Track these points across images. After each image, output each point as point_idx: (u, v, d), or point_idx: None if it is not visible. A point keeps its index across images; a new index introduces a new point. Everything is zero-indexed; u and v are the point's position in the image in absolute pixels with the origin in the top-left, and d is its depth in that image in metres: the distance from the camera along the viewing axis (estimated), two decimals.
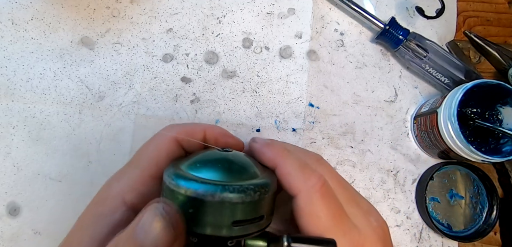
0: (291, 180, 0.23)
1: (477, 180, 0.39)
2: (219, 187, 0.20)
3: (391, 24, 0.38)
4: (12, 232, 0.35)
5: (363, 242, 0.23)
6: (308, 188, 0.23)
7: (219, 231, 0.20)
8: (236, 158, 0.23)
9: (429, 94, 0.41)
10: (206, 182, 0.20)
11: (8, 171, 0.36)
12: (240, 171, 0.22)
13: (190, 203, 0.20)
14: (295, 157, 0.24)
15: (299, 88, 0.40)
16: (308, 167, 0.24)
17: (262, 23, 0.41)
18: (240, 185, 0.20)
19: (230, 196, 0.20)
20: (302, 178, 0.23)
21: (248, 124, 0.39)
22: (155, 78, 0.39)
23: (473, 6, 0.43)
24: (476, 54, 0.42)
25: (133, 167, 0.25)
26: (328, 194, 0.23)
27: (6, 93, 0.37)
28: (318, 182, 0.23)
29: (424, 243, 0.38)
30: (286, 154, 0.24)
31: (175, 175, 0.21)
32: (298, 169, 0.24)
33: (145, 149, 0.26)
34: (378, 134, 0.40)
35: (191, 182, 0.20)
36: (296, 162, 0.24)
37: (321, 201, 0.23)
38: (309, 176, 0.23)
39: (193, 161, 0.23)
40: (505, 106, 0.36)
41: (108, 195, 0.24)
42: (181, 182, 0.20)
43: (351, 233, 0.23)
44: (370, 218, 0.25)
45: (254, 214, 0.21)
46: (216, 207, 0.20)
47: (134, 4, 0.40)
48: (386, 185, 0.39)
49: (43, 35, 0.38)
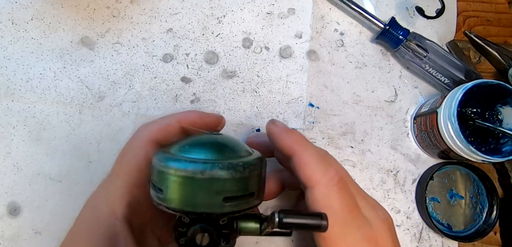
0: (309, 171, 0.23)
1: (477, 180, 0.39)
2: (209, 165, 0.20)
3: (391, 24, 0.38)
4: (13, 232, 0.35)
5: (375, 235, 0.24)
6: (327, 181, 0.23)
7: (211, 209, 0.20)
8: (225, 139, 0.24)
9: (429, 94, 0.41)
10: (196, 161, 0.20)
11: (8, 171, 0.36)
12: (228, 151, 0.22)
13: (180, 182, 0.20)
14: (314, 148, 0.25)
15: (299, 88, 0.40)
16: (326, 160, 0.24)
17: (262, 23, 0.41)
18: (230, 162, 0.21)
19: (220, 173, 0.20)
20: (321, 170, 0.23)
21: (248, 124, 0.39)
22: (155, 78, 0.39)
23: (473, 6, 0.43)
24: (476, 54, 0.42)
25: (116, 177, 0.25)
26: (345, 188, 0.24)
27: (6, 93, 0.37)
28: (336, 176, 0.23)
29: (424, 243, 0.38)
30: (306, 143, 0.24)
31: (164, 157, 0.21)
32: (317, 160, 0.24)
33: (124, 157, 0.26)
34: (378, 134, 0.40)
35: (180, 162, 0.20)
36: (315, 153, 0.24)
37: (339, 195, 0.23)
38: (328, 168, 0.23)
39: (182, 144, 0.23)
40: (505, 106, 0.36)
41: (99, 212, 0.24)
42: (170, 163, 0.20)
43: (364, 227, 0.23)
44: (378, 211, 0.25)
45: (244, 190, 0.21)
46: (207, 185, 0.20)
47: (134, 4, 0.40)
48: (386, 185, 0.39)
49: (43, 35, 0.38)
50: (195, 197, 0.20)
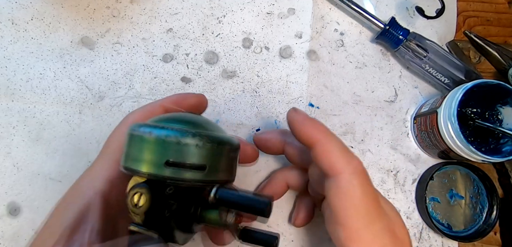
0: (334, 159, 0.23)
1: (477, 180, 0.39)
2: (159, 127, 0.21)
3: (391, 24, 0.38)
4: (13, 232, 0.35)
5: (393, 227, 0.24)
6: (352, 170, 0.23)
7: (149, 168, 0.20)
8: (199, 118, 0.24)
9: (429, 94, 0.41)
10: (150, 125, 0.21)
11: (8, 171, 0.36)
12: (194, 123, 0.23)
13: (133, 142, 0.21)
14: (337, 138, 0.25)
15: (299, 88, 0.40)
16: (349, 150, 0.24)
17: (262, 23, 0.41)
18: (180, 127, 0.21)
19: (164, 134, 0.20)
20: (345, 159, 0.23)
21: (248, 124, 0.39)
22: (155, 78, 0.39)
23: (473, 6, 0.43)
24: (476, 54, 0.42)
25: (100, 158, 0.27)
26: (367, 180, 0.24)
27: (6, 93, 0.37)
28: (360, 165, 0.23)
29: (424, 243, 0.38)
30: (329, 132, 0.25)
31: (134, 125, 0.22)
32: (341, 149, 0.24)
33: (110, 139, 0.27)
34: (378, 134, 0.40)
35: (140, 125, 0.21)
36: (339, 142, 0.24)
37: (362, 185, 0.23)
38: (351, 158, 0.23)
39: (157, 118, 0.24)
40: (505, 106, 0.36)
41: (79, 186, 0.25)
42: (134, 127, 0.22)
43: (385, 218, 0.24)
44: (390, 205, 0.26)
45: (191, 159, 0.21)
46: (151, 145, 0.21)
47: (134, 4, 0.40)
48: (386, 185, 0.39)
49: (43, 35, 0.38)
50: (138, 155, 0.21)
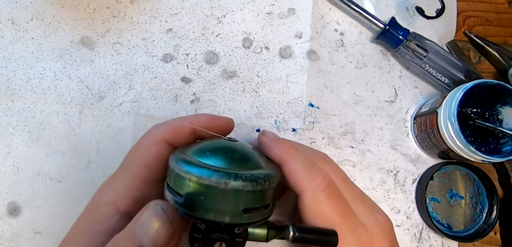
0: (298, 178, 0.24)
1: (477, 180, 0.39)
2: (233, 175, 0.20)
3: (391, 24, 0.38)
4: (13, 232, 0.35)
5: (370, 240, 0.23)
6: (314, 187, 0.23)
7: (231, 219, 0.20)
8: (242, 148, 0.24)
9: (429, 94, 0.41)
10: (219, 170, 0.20)
11: (8, 171, 0.36)
12: (246, 160, 0.23)
13: (202, 190, 0.20)
14: (302, 155, 0.25)
15: (299, 88, 0.40)
16: (314, 166, 0.24)
17: (262, 23, 0.41)
18: (252, 173, 0.21)
19: (243, 184, 0.20)
20: (308, 176, 0.23)
21: (248, 124, 0.39)
22: (155, 78, 0.39)
23: (473, 6, 0.43)
24: (476, 54, 0.42)
25: (123, 172, 0.25)
26: (334, 192, 0.24)
27: (6, 93, 0.37)
28: (324, 181, 0.23)
29: (424, 243, 0.38)
30: (294, 151, 0.25)
31: (184, 162, 0.21)
32: (305, 167, 0.24)
33: (134, 153, 0.26)
34: (378, 134, 0.40)
35: (203, 169, 0.20)
36: (303, 160, 0.24)
37: (327, 200, 0.23)
38: (315, 175, 0.24)
39: (200, 148, 0.23)
40: (505, 106, 0.36)
41: (101, 202, 0.24)
42: (192, 169, 0.20)
43: (358, 230, 0.23)
44: (376, 215, 0.25)
45: (263, 202, 0.21)
46: (230, 195, 0.20)
47: (134, 4, 0.40)
48: (386, 185, 0.39)
49: (43, 35, 0.38)
50: (216, 207, 0.20)
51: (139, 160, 0.25)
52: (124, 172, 0.25)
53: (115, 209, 0.23)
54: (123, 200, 0.24)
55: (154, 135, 0.26)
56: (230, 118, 0.29)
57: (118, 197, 0.24)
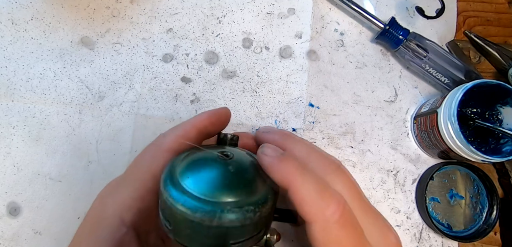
0: (307, 207, 0.20)
1: (477, 180, 0.39)
2: (218, 211, 0.19)
3: (391, 24, 0.38)
4: (13, 232, 0.35)
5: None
6: (327, 217, 0.20)
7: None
8: (237, 167, 0.22)
9: (429, 94, 0.41)
10: (204, 202, 0.19)
11: (8, 171, 0.36)
12: (239, 186, 0.21)
13: (188, 223, 0.19)
14: (312, 177, 0.21)
15: (299, 88, 0.40)
16: (327, 190, 0.21)
17: (262, 23, 0.41)
18: (240, 206, 0.19)
19: (229, 219, 0.19)
20: (320, 204, 0.20)
21: (248, 124, 0.39)
22: (155, 78, 0.39)
23: (473, 6, 0.43)
24: (476, 54, 0.42)
25: (128, 183, 0.24)
26: (348, 222, 0.21)
27: (6, 93, 0.37)
28: (338, 210, 0.20)
29: (424, 243, 0.38)
30: (301, 173, 0.21)
31: (171, 190, 0.20)
32: (315, 193, 0.21)
33: (140, 163, 0.25)
34: (378, 134, 0.40)
35: (189, 201, 0.19)
36: (313, 184, 0.21)
37: (340, 232, 0.20)
38: (328, 202, 0.20)
39: (190, 165, 0.22)
40: (505, 106, 0.36)
41: (105, 215, 0.23)
42: (178, 201, 0.19)
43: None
44: (389, 235, 0.23)
45: (252, 233, 0.20)
46: (214, 230, 0.19)
47: (134, 4, 0.40)
48: (386, 185, 0.39)
49: (43, 35, 0.38)
50: (201, 239, 0.20)
51: (146, 170, 0.24)
52: (129, 183, 0.24)
53: (120, 222, 0.22)
54: (129, 212, 0.23)
55: (160, 146, 0.25)
56: (225, 107, 0.28)
57: (123, 209, 0.23)
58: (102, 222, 0.23)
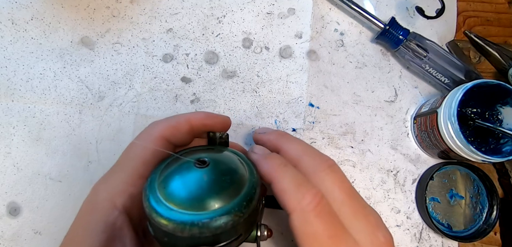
0: (286, 198, 0.22)
1: (477, 180, 0.39)
2: (188, 223, 0.20)
3: (391, 24, 0.38)
4: (13, 232, 0.35)
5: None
6: (303, 207, 0.22)
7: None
8: (214, 174, 0.22)
9: (429, 94, 0.41)
10: (178, 212, 0.20)
11: (8, 171, 0.36)
12: (216, 191, 0.21)
13: (163, 232, 0.20)
14: (292, 173, 0.23)
15: (299, 88, 0.40)
16: (304, 184, 0.23)
17: (262, 23, 0.41)
18: (216, 218, 0.20)
19: (199, 231, 0.20)
20: (297, 196, 0.22)
21: (248, 124, 0.39)
22: (155, 78, 0.39)
23: (473, 6, 0.43)
24: (476, 54, 0.42)
25: (120, 169, 0.25)
26: (324, 212, 0.22)
27: (6, 93, 0.37)
28: (314, 200, 0.22)
29: (424, 243, 0.38)
30: (282, 169, 0.23)
31: (150, 199, 0.21)
32: (293, 186, 0.22)
33: (131, 150, 0.25)
34: (378, 134, 0.40)
35: (163, 212, 0.20)
36: (292, 178, 0.23)
37: (316, 220, 0.21)
38: (305, 194, 0.22)
39: (169, 177, 0.22)
40: (505, 106, 0.36)
41: (97, 200, 0.24)
42: (154, 211, 0.20)
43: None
44: (377, 234, 0.23)
45: (234, 235, 0.21)
46: (188, 240, 0.20)
47: (134, 4, 0.40)
48: (386, 185, 0.39)
49: (43, 35, 0.38)
50: (174, 242, 0.21)
51: (137, 157, 0.25)
52: (121, 169, 0.25)
53: (112, 205, 0.23)
54: (120, 196, 0.23)
55: (152, 133, 0.25)
56: (227, 116, 0.29)
57: (115, 193, 0.23)
58: (95, 208, 0.23)
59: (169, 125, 0.26)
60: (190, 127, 0.26)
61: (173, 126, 0.26)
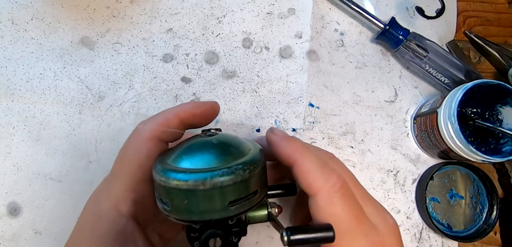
0: (311, 179, 0.23)
1: (477, 180, 0.39)
2: (208, 174, 0.20)
3: (391, 24, 0.38)
4: (13, 232, 0.35)
5: (382, 241, 0.23)
6: (329, 188, 0.22)
7: (217, 215, 0.21)
8: (221, 139, 0.23)
9: (429, 94, 0.41)
10: (195, 171, 0.20)
11: (8, 171, 0.36)
12: (226, 153, 0.22)
13: (184, 194, 0.20)
14: (314, 154, 0.24)
15: (299, 88, 0.40)
16: (327, 166, 0.23)
17: (262, 23, 0.41)
18: (229, 166, 0.21)
19: (220, 180, 0.20)
20: (322, 177, 0.22)
21: (248, 124, 0.39)
22: (155, 78, 0.39)
23: (473, 6, 0.43)
24: (476, 54, 0.42)
25: (118, 177, 0.25)
26: (348, 194, 0.23)
27: (6, 93, 0.37)
28: (338, 182, 0.22)
29: (424, 243, 0.38)
30: (305, 150, 0.24)
31: (163, 170, 0.21)
32: (318, 167, 0.23)
33: (125, 155, 0.25)
34: (378, 134, 0.40)
35: (180, 174, 0.20)
36: (316, 159, 0.23)
37: (342, 202, 0.22)
38: (329, 175, 0.23)
39: (179, 152, 0.23)
40: (505, 106, 0.36)
41: (102, 210, 0.23)
42: (170, 176, 0.20)
43: (371, 233, 0.23)
44: (386, 216, 0.24)
45: (247, 191, 0.21)
46: (209, 193, 0.20)
47: (134, 4, 0.40)
48: (386, 185, 0.39)
49: (43, 35, 0.38)
50: (200, 207, 0.20)
51: (132, 162, 0.24)
52: (118, 177, 0.25)
53: (118, 214, 0.23)
54: (124, 204, 0.23)
55: (142, 135, 0.25)
56: (214, 101, 0.28)
57: (118, 201, 0.23)
58: (101, 219, 0.23)
59: (159, 123, 0.25)
60: (179, 121, 0.26)
61: (162, 125, 0.25)
